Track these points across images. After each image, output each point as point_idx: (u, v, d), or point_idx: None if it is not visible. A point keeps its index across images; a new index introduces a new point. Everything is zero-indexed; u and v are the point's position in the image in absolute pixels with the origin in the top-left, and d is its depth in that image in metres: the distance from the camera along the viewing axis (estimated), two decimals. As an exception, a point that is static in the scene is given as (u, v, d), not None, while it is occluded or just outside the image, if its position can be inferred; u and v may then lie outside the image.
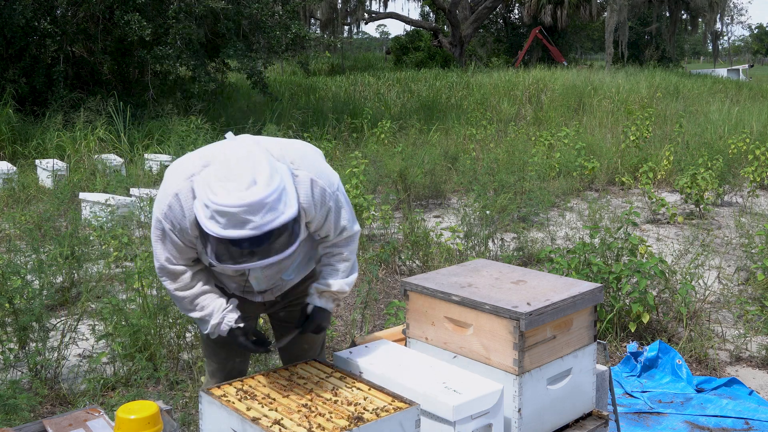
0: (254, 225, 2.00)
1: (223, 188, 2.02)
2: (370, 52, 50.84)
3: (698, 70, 35.87)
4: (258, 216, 2.00)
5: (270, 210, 2.01)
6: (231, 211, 1.99)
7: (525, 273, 2.75)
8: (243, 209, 1.98)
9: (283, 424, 2.04)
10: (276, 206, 2.03)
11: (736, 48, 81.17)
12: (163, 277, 2.43)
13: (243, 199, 1.99)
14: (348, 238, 2.50)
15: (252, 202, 1.99)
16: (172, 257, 2.37)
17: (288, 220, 2.05)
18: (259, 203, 1.99)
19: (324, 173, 2.36)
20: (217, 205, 2.01)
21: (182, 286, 2.41)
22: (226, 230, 2.01)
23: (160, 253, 2.37)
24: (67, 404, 3.86)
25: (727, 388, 4.28)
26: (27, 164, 10.29)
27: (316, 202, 2.33)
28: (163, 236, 2.34)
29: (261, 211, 2.00)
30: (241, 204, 1.98)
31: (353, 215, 2.51)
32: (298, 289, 2.68)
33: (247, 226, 2.00)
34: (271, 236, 2.03)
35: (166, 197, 2.28)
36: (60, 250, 5.51)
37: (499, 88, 20.08)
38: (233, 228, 2.01)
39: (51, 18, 13.27)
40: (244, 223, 2.00)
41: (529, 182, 8.46)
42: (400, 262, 6.45)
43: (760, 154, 10.02)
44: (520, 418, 2.35)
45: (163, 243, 2.35)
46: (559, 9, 35.66)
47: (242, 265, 2.07)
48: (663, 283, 5.25)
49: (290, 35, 14.83)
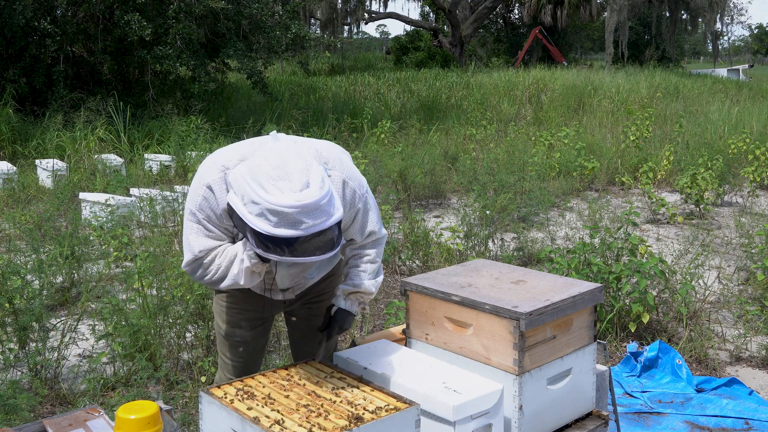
0: (306, 226, 2.04)
1: (276, 188, 2.05)
2: (370, 52, 50.86)
3: (698, 70, 35.87)
4: (311, 218, 2.04)
5: (322, 212, 2.06)
6: (285, 212, 2.02)
7: (525, 273, 2.75)
8: (297, 210, 2.02)
9: (283, 424, 2.04)
10: (327, 209, 2.08)
11: (736, 48, 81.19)
12: (195, 269, 2.39)
13: (299, 201, 2.02)
14: (375, 241, 2.54)
15: (307, 204, 2.02)
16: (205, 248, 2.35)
17: (336, 221, 2.10)
18: (314, 205, 2.03)
19: (354, 175, 2.42)
20: (271, 204, 2.03)
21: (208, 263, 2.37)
22: (277, 229, 2.04)
23: (194, 244, 2.35)
24: (67, 404, 3.86)
25: (727, 388, 4.28)
26: (27, 164, 10.29)
27: (347, 202, 2.38)
28: (198, 228, 2.34)
29: (314, 212, 2.04)
30: (297, 205, 2.02)
31: (380, 219, 2.55)
32: (317, 288, 2.73)
33: (300, 226, 2.04)
34: (322, 236, 2.08)
35: (200, 189, 2.30)
36: (60, 250, 5.51)
37: (499, 88, 20.08)
38: (285, 227, 2.04)
39: (51, 18, 13.27)
40: (297, 224, 2.03)
41: (529, 182, 8.46)
42: (400, 262, 6.45)
43: (760, 154, 10.01)
44: (520, 418, 2.35)
45: (197, 236, 2.34)
46: (559, 9, 35.66)
47: (286, 258, 2.09)
48: (663, 283, 5.26)
49: (290, 35, 14.84)
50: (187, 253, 2.38)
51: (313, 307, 2.76)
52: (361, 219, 2.45)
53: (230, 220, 2.27)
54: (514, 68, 27.65)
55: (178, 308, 4.57)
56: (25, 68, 13.26)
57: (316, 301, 2.74)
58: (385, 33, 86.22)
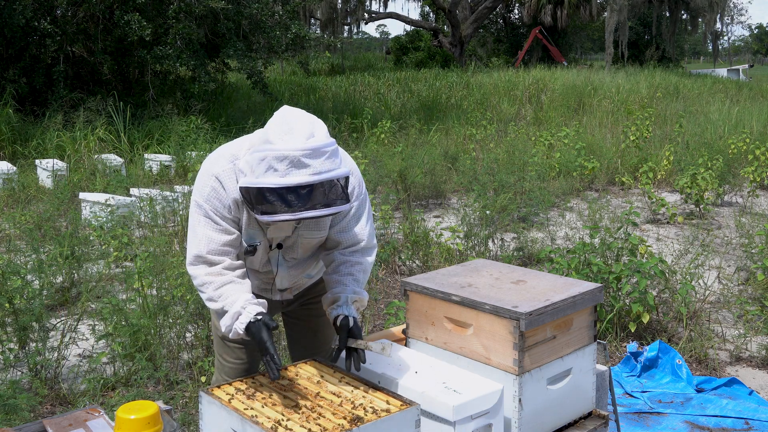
0: (314, 170, 2.05)
1: (281, 139, 2.08)
2: (370, 52, 50.86)
3: (698, 70, 35.87)
4: (318, 161, 2.05)
5: (329, 158, 2.07)
6: (291, 155, 2.04)
7: (525, 273, 2.75)
8: (304, 153, 2.04)
9: (283, 424, 2.04)
10: (334, 157, 2.09)
11: (736, 48, 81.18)
12: (198, 264, 2.34)
13: (304, 144, 2.05)
14: (367, 249, 2.51)
15: (312, 147, 2.05)
16: (212, 242, 2.32)
17: (345, 174, 2.11)
18: (319, 149, 2.06)
19: (358, 174, 2.44)
20: (277, 150, 2.05)
21: (215, 272, 2.32)
22: (285, 177, 2.04)
23: (201, 238, 2.32)
24: (67, 404, 3.86)
25: (727, 388, 4.28)
26: (27, 164, 10.28)
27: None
28: (205, 221, 2.32)
29: (321, 157, 2.05)
30: (303, 147, 2.05)
31: (373, 229, 2.53)
32: (315, 289, 2.73)
33: (307, 170, 2.04)
34: (326, 187, 2.08)
35: (207, 180, 2.30)
36: (60, 250, 5.51)
37: (499, 88, 20.09)
38: (294, 173, 2.04)
39: (51, 18, 13.27)
40: (304, 167, 2.04)
41: (529, 182, 8.46)
42: (400, 262, 6.45)
43: (760, 154, 10.01)
44: (520, 418, 2.35)
45: (204, 228, 2.32)
46: (559, 9, 35.66)
47: (296, 214, 2.07)
48: (663, 283, 5.26)
49: (290, 35, 14.84)
50: (192, 246, 2.33)
51: (311, 308, 2.75)
52: (353, 217, 2.44)
53: (239, 211, 2.27)
54: (514, 68, 27.65)
55: (178, 308, 4.57)
56: (25, 68, 13.25)
57: (314, 302, 2.73)
58: (385, 33, 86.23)
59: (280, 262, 2.51)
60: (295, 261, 2.53)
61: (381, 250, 6.17)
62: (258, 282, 2.61)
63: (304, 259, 2.56)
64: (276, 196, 2.06)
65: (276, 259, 2.50)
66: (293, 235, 2.43)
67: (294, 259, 2.52)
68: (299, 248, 2.48)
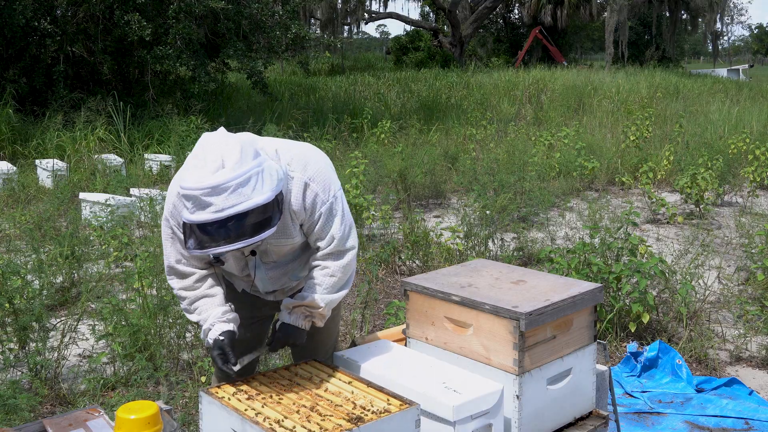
0: (216, 208, 2.00)
1: (190, 175, 2.05)
2: (370, 52, 50.85)
3: (698, 70, 35.87)
4: (220, 198, 2.00)
5: (233, 193, 2.00)
6: (193, 194, 2.01)
7: (525, 273, 2.75)
8: (204, 191, 2.00)
9: (283, 424, 2.04)
10: (240, 190, 2.01)
11: (736, 48, 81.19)
12: (171, 276, 2.45)
13: (205, 182, 2.00)
14: (338, 253, 2.41)
15: (213, 185, 1.99)
16: (181, 257, 2.40)
17: (254, 206, 2.03)
18: (221, 186, 1.99)
19: (322, 179, 2.33)
20: (183, 189, 2.04)
21: (187, 286, 2.43)
22: (193, 214, 2.03)
23: (169, 253, 2.41)
24: (67, 404, 3.86)
25: (727, 388, 4.28)
26: (27, 164, 10.28)
27: (307, 206, 2.32)
28: (171, 235, 2.38)
29: (223, 193, 2.00)
30: (203, 186, 2.00)
31: (349, 232, 2.42)
32: None
33: (208, 209, 2.01)
34: (237, 220, 2.02)
35: (171, 196, 2.33)
36: (60, 250, 5.51)
37: (499, 88, 20.09)
38: (198, 211, 2.02)
39: (51, 18, 13.26)
40: (205, 206, 2.01)
41: (529, 182, 8.45)
42: (400, 262, 6.45)
43: (760, 154, 10.01)
44: (520, 418, 2.35)
45: (172, 242, 2.39)
46: (559, 9, 35.67)
47: (209, 250, 2.07)
48: (663, 283, 5.25)
49: (290, 35, 14.83)
50: (165, 258, 2.43)
51: None
52: (322, 224, 2.36)
53: None
54: (514, 68, 27.66)
55: (178, 308, 4.56)
56: (25, 68, 13.25)
57: None
58: (385, 33, 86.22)
59: (258, 266, 2.50)
60: (275, 264, 2.51)
61: (381, 250, 6.17)
62: (243, 284, 2.62)
63: (285, 262, 2.52)
64: (191, 229, 2.07)
65: (253, 263, 2.49)
66: (263, 243, 2.39)
67: (273, 262, 2.50)
68: (273, 254, 2.47)
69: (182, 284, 2.43)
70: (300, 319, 2.41)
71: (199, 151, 2.09)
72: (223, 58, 14.90)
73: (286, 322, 2.41)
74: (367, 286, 4.97)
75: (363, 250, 6.75)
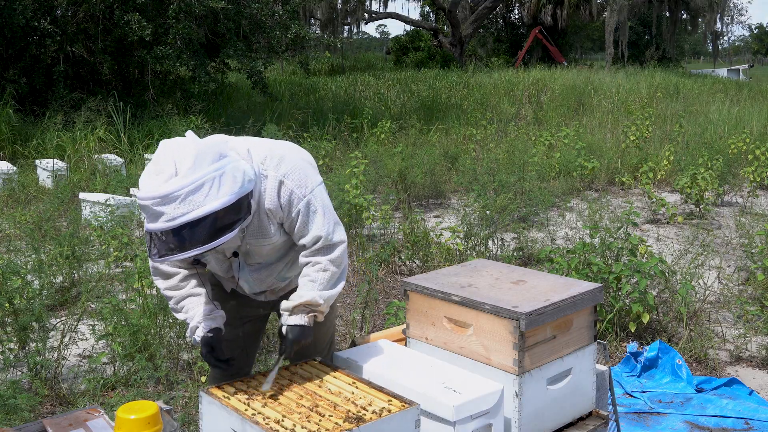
0: (167, 217, 2.00)
1: (144, 184, 2.05)
2: (370, 52, 50.82)
3: (698, 70, 35.85)
4: (170, 207, 1.99)
5: (183, 201, 1.99)
6: (145, 204, 2.02)
7: (525, 273, 2.75)
8: (155, 201, 2.00)
9: (283, 424, 2.04)
10: (190, 197, 2.00)
11: (736, 48, 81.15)
12: (156, 276, 2.45)
13: (156, 191, 2.00)
14: (326, 248, 2.38)
15: (163, 194, 1.99)
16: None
17: (206, 213, 2.01)
18: (169, 195, 1.99)
19: (297, 176, 2.31)
20: (138, 199, 2.05)
21: (172, 285, 2.43)
22: (149, 223, 2.04)
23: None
24: (67, 404, 3.86)
25: (727, 388, 4.28)
26: (27, 164, 10.28)
27: (283, 204, 2.30)
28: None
29: (173, 202, 1.99)
30: (153, 196, 2.00)
31: (335, 225, 2.40)
32: None
33: (160, 218, 2.01)
34: (190, 228, 2.01)
35: None
36: (60, 250, 5.52)
37: (499, 88, 20.08)
38: (152, 221, 2.03)
39: (51, 18, 13.26)
40: (158, 216, 2.01)
41: (529, 182, 8.46)
42: (400, 262, 6.45)
43: (760, 154, 10.01)
44: (520, 418, 2.35)
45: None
46: (559, 9, 35.67)
47: (168, 257, 2.07)
48: (663, 283, 5.25)
49: (290, 35, 14.83)
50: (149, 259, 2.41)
51: None
52: (301, 221, 2.33)
53: None
54: (514, 68, 27.65)
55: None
56: (25, 68, 13.25)
57: None
58: (385, 33, 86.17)
59: (242, 267, 2.49)
60: (259, 266, 2.50)
61: (381, 250, 6.17)
62: (231, 284, 2.61)
63: (269, 263, 2.50)
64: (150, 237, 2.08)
65: (237, 265, 2.49)
66: (243, 245, 2.39)
67: (258, 263, 2.49)
68: (255, 255, 2.45)
69: (167, 284, 2.43)
70: (302, 317, 2.39)
71: (155, 158, 2.09)
72: (223, 58, 14.90)
73: (291, 324, 2.38)
74: (367, 286, 4.97)
75: (363, 250, 6.75)
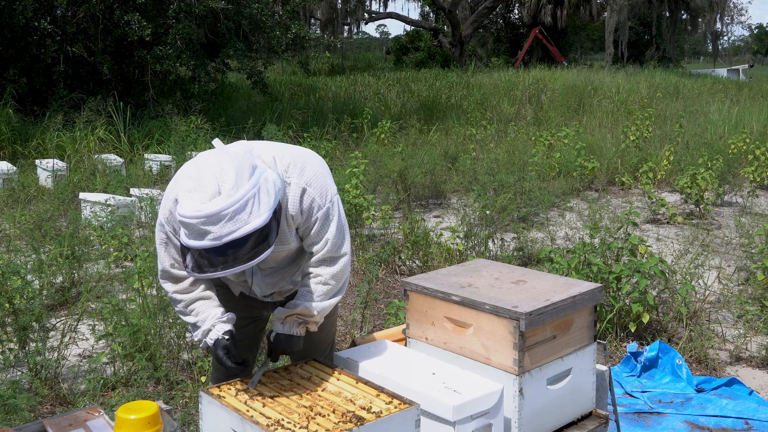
0: (213, 236, 2.00)
1: (185, 200, 2.04)
2: (370, 52, 50.83)
3: (698, 70, 35.85)
4: (217, 227, 1.99)
5: (230, 220, 1.99)
6: (190, 223, 2.01)
7: (525, 273, 2.75)
8: (201, 220, 1.99)
9: (283, 424, 2.04)
10: (237, 216, 2.00)
11: (736, 48, 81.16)
12: (165, 280, 2.45)
13: (201, 211, 1.99)
14: (330, 259, 2.41)
15: (210, 213, 1.99)
16: (175, 261, 2.40)
17: (251, 230, 2.02)
18: (217, 214, 1.99)
19: (319, 184, 2.35)
20: (180, 216, 2.04)
21: (182, 289, 2.43)
22: (190, 240, 2.04)
23: (163, 257, 2.41)
24: (67, 404, 3.86)
25: (727, 388, 4.28)
26: (27, 164, 10.28)
27: (304, 210, 2.33)
28: (166, 240, 2.38)
29: (220, 222, 1.99)
30: (199, 215, 1.99)
31: (344, 239, 2.43)
32: None
33: (206, 237, 2.01)
34: (235, 246, 2.02)
35: (167, 202, 2.33)
36: (60, 250, 5.51)
37: (499, 88, 20.08)
38: (195, 238, 2.02)
39: (51, 18, 13.26)
40: (203, 234, 2.01)
41: (529, 182, 8.45)
42: (400, 262, 6.45)
43: (760, 154, 10.01)
44: (520, 418, 2.35)
45: (166, 247, 2.39)
46: (559, 9, 35.67)
47: (208, 274, 2.07)
48: (663, 283, 5.25)
49: (290, 35, 14.83)
50: (159, 262, 2.43)
51: None
52: (318, 228, 2.36)
53: None
54: (514, 68, 27.66)
55: (177, 309, 4.56)
56: (25, 68, 13.25)
57: None
58: (385, 33, 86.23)
59: (255, 272, 2.51)
60: (272, 270, 2.52)
61: (381, 250, 6.17)
62: (240, 288, 2.62)
63: (282, 267, 2.53)
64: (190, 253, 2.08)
65: (250, 270, 2.50)
66: None
67: (271, 268, 2.51)
68: (270, 261, 2.47)
69: (177, 288, 2.43)
70: (294, 326, 2.42)
71: (194, 173, 2.08)
72: (223, 58, 14.90)
73: (280, 332, 2.41)
74: (367, 286, 4.97)
75: (363, 250, 6.75)
